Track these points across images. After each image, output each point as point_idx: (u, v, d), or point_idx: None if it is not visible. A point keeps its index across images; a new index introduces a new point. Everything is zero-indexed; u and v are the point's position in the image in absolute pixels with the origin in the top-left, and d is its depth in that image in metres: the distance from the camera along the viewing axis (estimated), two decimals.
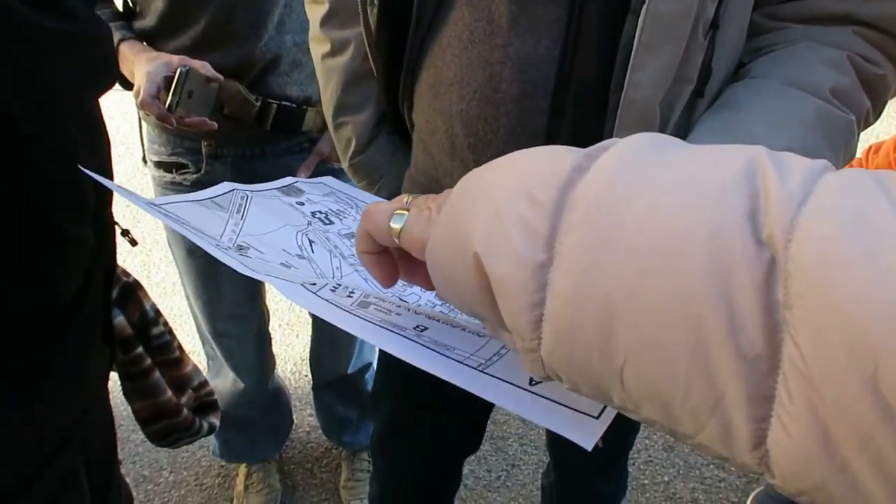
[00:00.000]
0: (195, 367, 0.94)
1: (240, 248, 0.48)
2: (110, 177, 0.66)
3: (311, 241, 0.53)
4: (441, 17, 0.69)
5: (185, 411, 0.91)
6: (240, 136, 1.16)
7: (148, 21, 1.08)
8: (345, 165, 0.90)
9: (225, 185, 0.57)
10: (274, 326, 2.10)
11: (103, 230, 0.67)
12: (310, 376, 1.64)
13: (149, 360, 0.86)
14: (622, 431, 1.00)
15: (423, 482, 1.01)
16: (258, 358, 1.47)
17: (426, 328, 0.40)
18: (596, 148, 0.31)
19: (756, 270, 0.24)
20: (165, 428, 0.90)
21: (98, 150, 0.62)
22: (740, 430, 0.25)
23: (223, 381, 1.48)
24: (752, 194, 0.25)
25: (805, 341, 0.23)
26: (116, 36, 1.08)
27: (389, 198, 0.42)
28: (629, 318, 0.27)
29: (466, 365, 0.36)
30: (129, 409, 0.86)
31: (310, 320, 1.62)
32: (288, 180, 0.64)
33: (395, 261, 0.41)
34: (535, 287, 0.29)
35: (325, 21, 0.82)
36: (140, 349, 0.84)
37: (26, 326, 0.59)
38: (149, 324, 0.86)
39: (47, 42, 0.39)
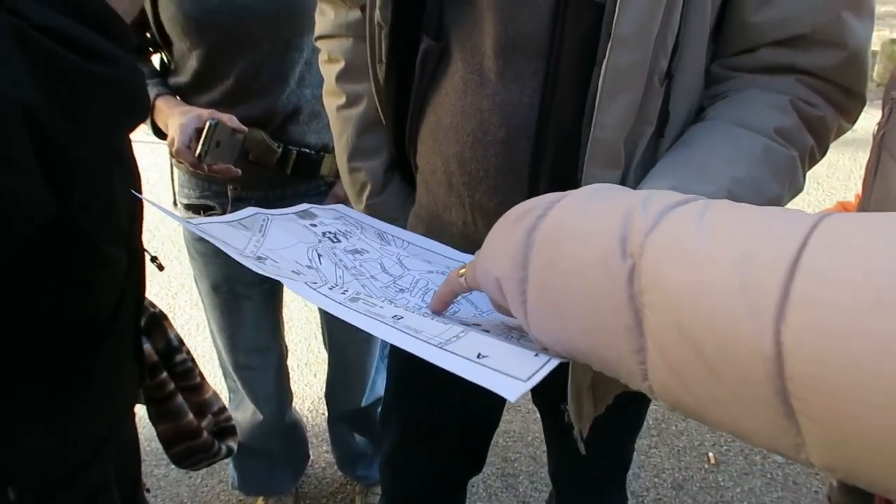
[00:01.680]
0: (215, 394, 1.01)
1: (259, 258, 0.57)
2: (140, 204, 0.75)
3: (319, 255, 0.62)
4: (440, 70, 0.79)
5: (205, 434, 0.98)
6: (262, 179, 1.27)
7: (182, 77, 1.20)
8: (360, 207, 0.99)
9: (250, 210, 0.67)
10: (292, 365, 2.17)
11: (134, 253, 0.75)
12: (326, 414, 1.71)
13: (172, 385, 0.93)
14: (615, 448, 1.06)
15: (428, 499, 1.07)
16: (277, 390, 1.54)
17: (402, 318, 0.49)
18: (557, 197, 0.46)
19: (623, 274, 0.37)
20: (187, 450, 0.97)
21: (130, 179, 0.72)
22: (634, 371, 0.36)
23: (243, 414, 1.56)
24: (624, 229, 0.38)
25: (651, 316, 0.35)
26: (153, 91, 1.20)
27: None
28: (569, 310, 0.41)
29: (428, 343, 0.44)
30: (151, 445, 0.93)
31: (327, 360, 1.70)
32: (303, 206, 0.74)
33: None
34: (519, 292, 0.44)
35: (341, 77, 0.92)
36: (164, 374, 0.92)
37: (69, 338, 0.68)
38: (173, 351, 0.93)
39: (92, 84, 0.49)
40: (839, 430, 0.28)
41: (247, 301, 1.41)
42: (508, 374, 0.41)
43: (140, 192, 0.74)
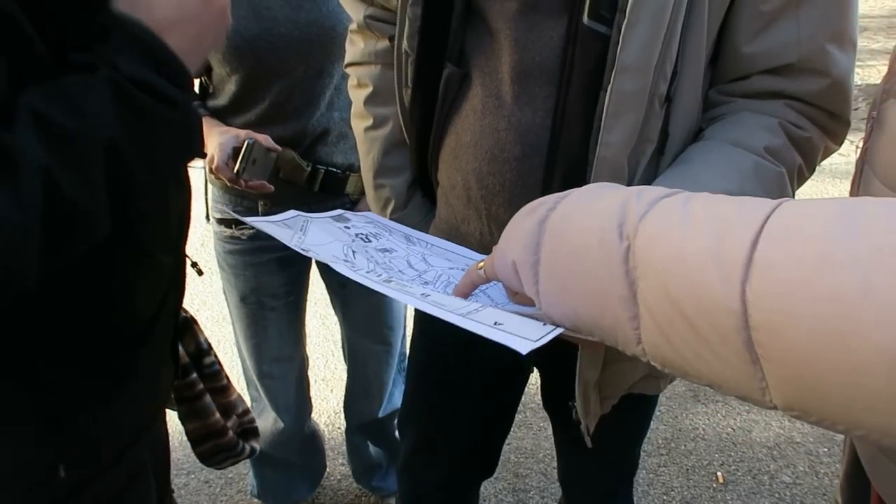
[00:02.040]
0: (239, 397, 1.07)
1: (303, 250, 0.65)
2: (188, 216, 0.84)
3: (353, 252, 0.69)
4: (461, 94, 0.87)
5: (231, 433, 1.04)
6: (292, 196, 1.35)
7: (221, 100, 1.30)
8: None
9: (291, 212, 0.75)
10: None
11: (179, 260, 0.83)
12: (342, 428, 1.76)
13: (201, 385, 0.99)
14: (621, 453, 1.11)
15: (443, 498, 1.12)
16: (298, 399, 1.61)
17: (429, 295, 0.56)
18: (564, 194, 0.54)
19: (620, 253, 0.44)
20: (213, 448, 1.03)
21: (183, 194, 0.81)
22: (629, 336, 0.43)
23: (265, 422, 1.62)
24: (621, 216, 0.46)
25: (643, 286, 0.43)
26: None
27: None
28: (574, 286, 0.48)
29: (453, 313, 0.51)
30: (173, 454, 0.99)
31: (343, 377, 1.76)
32: (338, 212, 0.82)
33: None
34: (532, 273, 0.51)
35: (369, 100, 1.01)
36: (194, 375, 0.98)
37: (118, 333, 0.75)
38: (202, 354, 1.00)
39: (164, 125, 0.58)
40: (795, 372, 0.35)
41: (272, 312, 1.48)
42: (521, 335, 0.47)
43: (190, 207, 0.82)
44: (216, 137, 1.21)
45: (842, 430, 0.36)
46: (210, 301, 2.74)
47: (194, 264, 1.02)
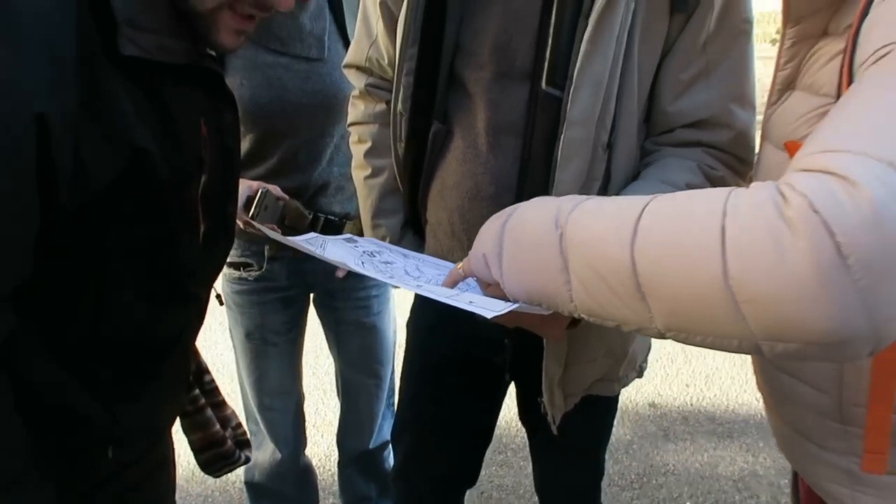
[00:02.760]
0: (233, 412, 1.19)
1: (326, 259, 0.82)
2: (226, 258, 1.00)
3: (363, 262, 0.86)
4: (445, 146, 1.06)
5: (229, 442, 1.17)
6: None
7: None
8: None
9: (311, 234, 0.92)
10: None
11: (208, 292, 0.99)
12: (333, 470, 1.86)
13: (203, 400, 1.12)
14: (587, 456, 1.26)
15: (435, 501, 1.25)
16: (294, 431, 1.73)
17: (422, 286, 0.74)
18: (517, 206, 0.73)
19: (556, 239, 0.62)
20: (214, 456, 1.14)
21: (228, 245, 0.98)
22: (565, 297, 0.61)
23: (263, 454, 1.74)
24: (556, 214, 0.64)
25: (571, 259, 0.61)
26: None
27: None
28: (526, 266, 0.67)
29: (440, 296, 0.68)
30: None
31: (332, 422, 1.88)
32: (347, 235, 0.99)
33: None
34: (497, 261, 0.71)
35: (368, 154, 1.20)
36: (197, 391, 1.11)
37: (154, 345, 0.90)
38: (202, 372, 1.13)
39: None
40: (668, 302, 0.53)
41: (273, 348, 1.63)
42: (488, 308, 0.65)
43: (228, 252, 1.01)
44: None
45: (715, 344, 0.54)
46: (209, 344, 2.85)
47: (218, 296, 1.18)
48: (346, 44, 1.46)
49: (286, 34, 1.41)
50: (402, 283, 0.73)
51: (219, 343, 2.75)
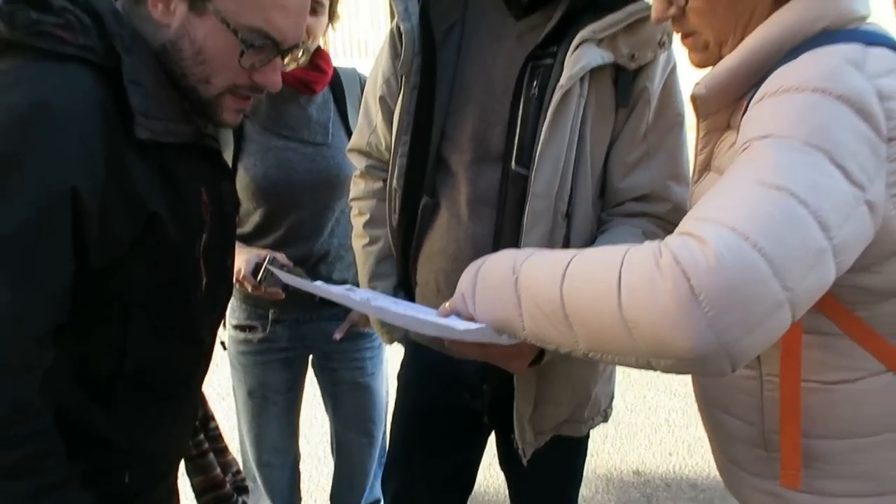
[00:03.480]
0: (234, 459, 1.30)
1: (331, 298, 0.99)
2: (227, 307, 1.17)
3: (367, 298, 1.03)
4: (433, 216, 1.24)
5: (228, 486, 1.27)
6: (296, 305, 1.68)
7: (246, 228, 1.66)
8: (373, 318, 1.40)
9: (319, 283, 1.09)
10: None
11: (213, 337, 1.13)
12: None
13: (206, 445, 1.24)
14: (559, 496, 1.38)
15: None
16: (290, 487, 1.83)
17: (406, 314, 0.90)
18: (487, 256, 0.90)
19: (512, 281, 0.80)
20: (214, 499, 1.24)
21: (229, 294, 1.15)
22: (518, 324, 0.78)
23: None
24: (513, 263, 0.82)
25: (523, 296, 0.79)
26: None
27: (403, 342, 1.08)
28: (491, 301, 0.85)
29: (425, 318, 0.84)
30: None
31: (326, 487, 1.97)
32: (347, 286, 1.15)
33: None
34: (472, 297, 0.87)
35: (366, 224, 1.38)
36: (202, 436, 1.23)
37: (171, 381, 1.03)
38: (208, 419, 1.26)
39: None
40: (587, 329, 0.70)
41: (273, 406, 1.76)
42: (460, 327, 0.81)
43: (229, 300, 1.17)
44: (244, 255, 1.56)
45: (622, 361, 0.71)
46: (215, 404, 2.93)
47: (222, 343, 1.33)
48: (347, 130, 1.67)
49: (296, 123, 1.62)
50: (392, 311, 0.90)
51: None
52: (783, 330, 0.69)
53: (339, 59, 7.67)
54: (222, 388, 2.85)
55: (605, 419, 1.30)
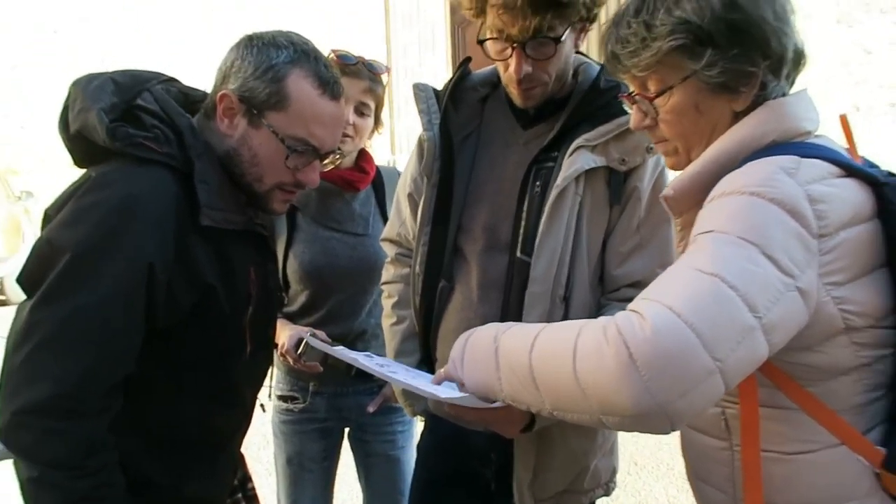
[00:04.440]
0: None
1: (354, 361, 1.14)
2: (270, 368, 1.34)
3: (380, 364, 1.17)
4: (450, 299, 1.40)
5: None
6: (334, 379, 1.83)
7: (293, 307, 1.85)
8: (398, 392, 1.54)
9: (340, 347, 1.24)
10: None
11: (255, 397, 1.30)
12: None
13: (244, 503, 1.38)
14: None
15: None
16: None
17: (411, 384, 1.03)
18: (474, 329, 1.04)
19: (493, 350, 0.95)
20: None
21: (270, 358, 1.32)
22: (497, 386, 0.92)
23: None
24: (496, 334, 0.96)
25: (501, 363, 0.93)
26: None
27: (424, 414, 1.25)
28: (476, 368, 0.99)
29: (423, 388, 0.98)
30: None
31: None
32: (370, 354, 1.30)
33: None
34: (461, 364, 1.01)
35: (394, 306, 1.54)
36: (239, 494, 1.37)
37: (213, 437, 1.20)
38: (246, 479, 1.40)
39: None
40: (552, 393, 0.82)
41: (310, 474, 1.88)
42: (449, 395, 0.95)
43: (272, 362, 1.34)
44: (288, 331, 1.74)
45: (581, 420, 0.82)
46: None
47: (261, 405, 1.49)
48: (386, 221, 1.87)
49: (341, 216, 1.84)
50: (404, 378, 1.04)
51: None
52: (718, 395, 0.80)
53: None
54: (269, 464, 2.99)
55: (607, 493, 1.36)
